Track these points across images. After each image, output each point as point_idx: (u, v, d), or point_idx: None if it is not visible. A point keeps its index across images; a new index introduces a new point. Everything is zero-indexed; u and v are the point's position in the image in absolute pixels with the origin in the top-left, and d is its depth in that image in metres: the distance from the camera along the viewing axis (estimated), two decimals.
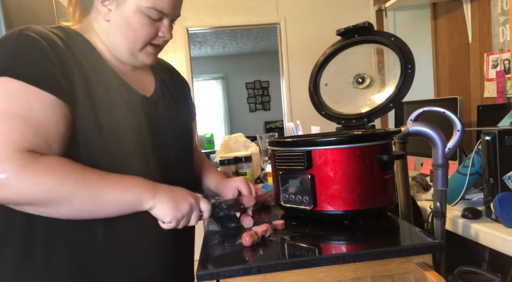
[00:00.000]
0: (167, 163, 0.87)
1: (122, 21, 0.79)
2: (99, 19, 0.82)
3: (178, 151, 0.92)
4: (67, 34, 0.79)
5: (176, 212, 0.76)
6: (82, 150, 0.73)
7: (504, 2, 2.01)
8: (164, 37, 0.85)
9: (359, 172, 0.86)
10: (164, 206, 0.75)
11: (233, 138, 1.81)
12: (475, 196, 1.37)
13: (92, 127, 0.74)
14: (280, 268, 0.68)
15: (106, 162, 0.75)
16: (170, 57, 3.40)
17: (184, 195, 0.80)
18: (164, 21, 0.83)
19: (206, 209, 0.82)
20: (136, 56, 0.84)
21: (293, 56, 3.51)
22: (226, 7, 3.46)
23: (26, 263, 0.73)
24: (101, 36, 0.83)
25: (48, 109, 0.69)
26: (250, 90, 7.49)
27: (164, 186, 0.78)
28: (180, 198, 0.78)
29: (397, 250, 0.72)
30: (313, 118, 1.46)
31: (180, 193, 0.80)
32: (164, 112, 0.90)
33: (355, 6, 3.44)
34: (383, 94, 1.17)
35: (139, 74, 0.90)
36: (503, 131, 1.10)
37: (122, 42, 0.81)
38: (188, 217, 0.79)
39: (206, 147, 5.36)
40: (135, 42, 0.81)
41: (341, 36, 1.25)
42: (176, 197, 0.78)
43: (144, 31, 0.81)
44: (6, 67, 0.68)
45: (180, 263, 0.92)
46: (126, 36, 0.80)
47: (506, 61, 1.99)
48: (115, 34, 0.81)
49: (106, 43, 0.83)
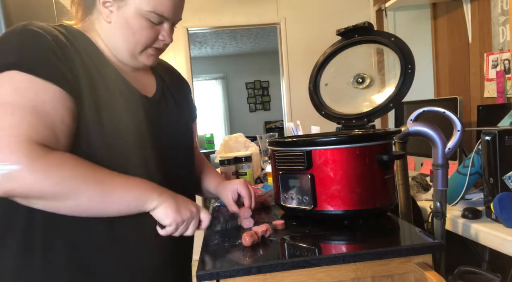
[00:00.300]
0: (168, 164, 0.87)
1: (122, 23, 0.80)
2: (100, 20, 0.82)
3: (179, 152, 0.92)
4: (70, 32, 0.79)
5: (177, 215, 0.76)
6: (84, 145, 0.74)
7: (504, 2, 2.01)
8: (164, 41, 0.85)
9: (359, 172, 0.86)
10: (167, 208, 0.76)
11: (233, 138, 1.81)
12: (475, 196, 1.37)
13: (94, 123, 0.74)
14: (280, 268, 0.68)
15: (107, 159, 0.75)
16: (170, 57, 3.40)
17: (186, 202, 0.80)
18: (164, 25, 0.83)
19: (206, 219, 0.82)
20: (136, 58, 0.84)
21: (293, 56, 3.51)
22: (226, 7, 3.45)
23: (26, 263, 0.73)
24: (102, 36, 0.83)
25: (55, 101, 0.69)
26: (250, 90, 7.49)
27: (168, 191, 0.79)
28: (183, 204, 0.79)
29: (397, 250, 0.72)
30: (313, 118, 1.46)
31: (183, 199, 0.80)
32: (165, 112, 0.90)
33: (355, 6, 3.44)
34: (383, 94, 1.17)
35: (141, 74, 0.90)
36: (503, 131, 1.10)
37: (123, 44, 0.82)
38: (187, 224, 0.79)
39: (206, 147, 5.36)
40: (136, 45, 0.82)
41: (341, 36, 1.25)
42: (179, 202, 0.78)
43: (144, 34, 0.81)
44: (12, 60, 0.69)
45: (180, 263, 0.92)
46: (126, 38, 0.81)
47: (506, 61, 1.99)
48: (116, 36, 0.81)
49: (107, 43, 0.83)
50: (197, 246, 0.94)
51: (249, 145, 1.78)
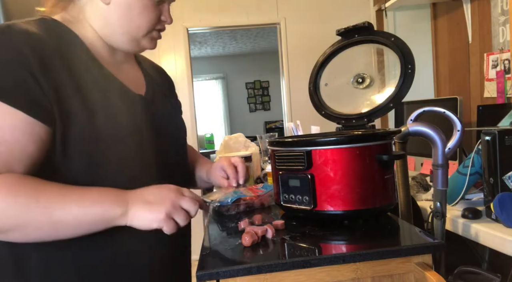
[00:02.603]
0: (167, 165, 0.85)
1: (123, 4, 0.75)
2: (94, 2, 0.76)
3: (177, 150, 0.92)
4: (51, 28, 0.73)
5: (155, 215, 0.68)
6: (78, 152, 0.69)
7: (504, 2, 2.01)
8: (166, 22, 0.82)
9: (359, 172, 0.86)
10: (140, 217, 0.68)
11: (233, 138, 1.81)
12: (475, 196, 1.37)
13: (89, 129, 0.70)
14: (280, 268, 0.68)
15: (106, 165, 0.72)
16: (170, 57, 3.40)
17: (162, 193, 0.71)
18: (165, 4, 0.81)
19: (190, 206, 0.71)
20: (139, 42, 0.80)
21: (293, 56, 3.51)
22: (226, 7, 3.46)
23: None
24: (95, 22, 0.77)
25: (18, 129, 0.63)
26: (250, 90, 7.49)
27: (135, 193, 0.70)
28: (155, 199, 0.70)
29: (397, 250, 0.72)
30: (313, 118, 1.46)
31: (155, 192, 0.71)
32: (159, 110, 0.88)
33: (355, 6, 3.44)
34: (383, 94, 1.17)
35: (129, 70, 0.87)
36: (503, 131, 1.10)
37: (124, 27, 0.77)
38: (175, 215, 0.70)
39: (206, 147, 5.36)
40: (139, 27, 0.77)
41: (341, 36, 1.25)
42: (151, 200, 0.69)
43: (148, 15, 0.77)
44: None
45: (179, 262, 0.91)
46: (129, 19, 0.76)
47: (506, 61, 1.99)
48: (115, 18, 0.76)
49: (101, 30, 0.77)
50: (197, 246, 0.94)
51: (249, 145, 1.78)
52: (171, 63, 3.42)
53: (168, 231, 0.70)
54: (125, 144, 0.76)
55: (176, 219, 0.70)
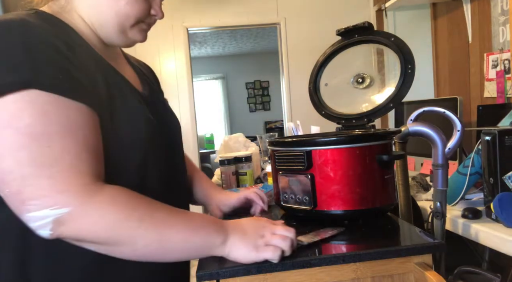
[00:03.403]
0: (173, 168, 0.83)
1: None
2: None
3: (178, 145, 0.91)
4: (52, 22, 0.68)
5: (252, 253, 0.66)
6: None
7: (504, 2, 2.01)
8: (156, 16, 0.78)
9: (359, 172, 0.86)
10: (239, 251, 0.66)
11: (233, 138, 1.81)
12: (475, 196, 1.37)
13: (109, 133, 0.66)
14: (280, 268, 0.68)
15: (122, 173, 0.68)
16: (170, 57, 3.40)
17: (256, 226, 0.70)
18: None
19: (289, 234, 0.69)
20: (126, 33, 0.76)
21: (293, 56, 3.51)
22: (226, 7, 3.46)
23: None
24: (86, 12, 0.73)
25: (89, 122, 0.60)
26: (250, 90, 7.49)
27: (232, 223, 0.69)
28: (253, 233, 0.68)
29: (397, 250, 0.72)
30: (313, 118, 1.46)
31: (252, 226, 0.70)
32: (159, 108, 0.86)
33: (355, 6, 3.45)
34: (383, 94, 1.17)
35: (124, 65, 0.84)
36: (503, 131, 1.10)
37: (112, 17, 0.72)
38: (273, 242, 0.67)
39: (206, 147, 5.36)
40: (127, 17, 0.73)
41: (341, 36, 1.25)
42: (249, 233, 0.68)
43: (136, 5, 0.73)
44: (28, 77, 0.56)
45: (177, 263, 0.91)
46: (117, 8, 0.72)
47: (506, 61, 1.99)
48: (103, 6, 0.72)
49: (91, 20, 0.73)
50: None
51: (249, 145, 1.78)
52: (171, 63, 3.43)
53: (274, 257, 0.66)
54: (140, 149, 0.72)
55: (284, 248, 0.67)
